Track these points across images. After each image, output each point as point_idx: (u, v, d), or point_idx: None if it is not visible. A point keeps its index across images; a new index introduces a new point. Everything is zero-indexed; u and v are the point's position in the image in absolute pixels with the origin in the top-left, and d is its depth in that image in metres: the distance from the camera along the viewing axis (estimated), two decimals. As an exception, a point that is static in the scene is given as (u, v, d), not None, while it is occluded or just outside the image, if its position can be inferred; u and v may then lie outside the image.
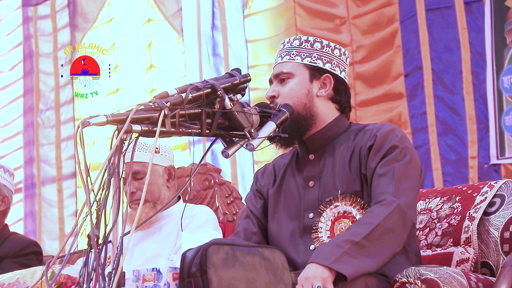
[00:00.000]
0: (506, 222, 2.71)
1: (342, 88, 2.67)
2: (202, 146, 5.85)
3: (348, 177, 2.54)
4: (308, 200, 2.61)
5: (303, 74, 2.64)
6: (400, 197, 2.42)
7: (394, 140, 2.53)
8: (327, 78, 2.65)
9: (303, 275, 2.27)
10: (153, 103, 2.19)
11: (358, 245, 2.32)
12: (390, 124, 2.66)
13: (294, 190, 2.66)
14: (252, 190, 2.80)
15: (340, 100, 2.67)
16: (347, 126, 2.67)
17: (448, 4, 5.30)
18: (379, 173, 2.48)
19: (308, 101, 2.62)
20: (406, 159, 2.50)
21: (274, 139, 2.51)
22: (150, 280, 2.02)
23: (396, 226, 2.38)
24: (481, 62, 5.17)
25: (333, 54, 2.66)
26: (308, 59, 2.64)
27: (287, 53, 2.67)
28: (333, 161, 2.60)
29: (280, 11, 6.01)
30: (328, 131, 2.65)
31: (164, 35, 6.63)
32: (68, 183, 7.05)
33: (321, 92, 2.64)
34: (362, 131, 2.61)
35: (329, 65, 2.65)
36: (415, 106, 5.37)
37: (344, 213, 2.51)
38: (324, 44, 2.66)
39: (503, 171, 5.05)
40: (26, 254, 3.81)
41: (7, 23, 7.53)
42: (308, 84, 2.63)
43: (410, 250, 2.54)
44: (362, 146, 2.56)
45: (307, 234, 2.56)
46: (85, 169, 2.01)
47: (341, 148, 2.60)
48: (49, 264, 2.05)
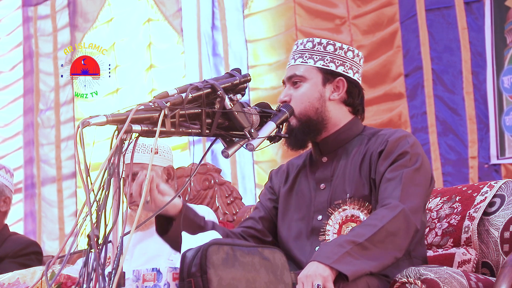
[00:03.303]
0: (506, 222, 2.71)
1: (355, 90, 2.67)
2: (202, 146, 5.85)
3: (357, 181, 2.55)
4: (318, 202, 2.61)
5: (316, 78, 2.63)
6: (406, 202, 2.41)
7: (405, 146, 2.52)
8: (340, 81, 2.64)
9: (304, 273, 2.28)
10: (153, 103, 2.20)
11: (361, 246, 2.32)
12: (403, 130, 2.66)
13: (305, 191, 2.66)
14: (266, 187, 2.82)
15: (353, 103, 2.67)
16: (361, 130, 2.67)
17: (448, 4, 5.30)
18: (387, 178, 2.48)
19: (320, 105, 2.62)
20: (416, 166, 2.50)
21: (274, 139, 2.51)
22: (150, 280, 2.02)
23: (400, 230, 2.38)
24: (481, 62, 5.17)
25: (345, 57, 2.66)
26: (321, 62, 2.63)
27: (300, 55, 2.66)
28: (345, 165, 2.60)
29: (280, 11, 6.01)
30: (342, 134, 2.65)
31: (164, 35, 6.63)
32: (68, 183, 7.05)
33: (334, 96, 2.64)
34: (375, 136, 2.61)
35: (342, 68, 2.64)
36: (415, 106, 5.37)
37: (351, 217, 2.52)
38: (337, 46, 2.65)
39: (503, 171, 5.05)
40: (26, 254, 3.81)
41: (7, 23, 7.53)
42: (320, 88, 2.63)
43: (415, 256, 2.53)
44: (373, 151, 2.56)
45: (315, 236, 2.56)
46: (85, 169, 2.01)
47: (354, 151, 2.61)
48: (49, 264, 2.05)
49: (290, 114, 2.54)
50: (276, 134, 2.48)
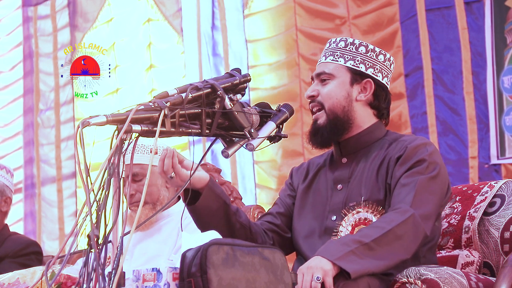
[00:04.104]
0: (506, 222, 2.71)
1: (382, 94, 2.67)
2: (202, 146, 5.85)
3: (373, 185, 2.55)
4: (333, 203, 2.61)
5: (344, 77, 2.64)
6: (417, 208, 2.41)
7: (423, 154, 2.52)
8: (368, 83, 2.64)
9: (306, 265, 2.29)
10: (153, 103, 2.20)
11: (367, 247, 2.32)
12: (424, 138, 2.65)
13: (323, 191, 2.67)
14: (286, 183, 2.82)
15: (379, 106, 2.67)
16: (384, 134, 2.68)
17: (448, 4, 5.30)
18: (401, 183, 2.48)
19: (346, 104, 2.63)
20: (432, 174, 2.49)
21: (274, 139, 2.51)
22: (150, 280, 2.02)
23: (407, 234, 2.38)
24: (481, 62, 5.18)
25: (377, 59, 2.66)
26: (351, 62, 2.64)
27: (331, 53, 2.67)
28: (364, 168, 2.60)
29: (280, 11, 6.01)
30: (364, 136, 2.65)
31: (164, 35, 6.63)
32: (68, 183, 7.05)
33: (361, 97, 2.64)
34: (396, 142, 2.61)
35: (372, 70, 2.64)
36: (416, 106, 5.37)
37: (364, 220, 2.51)
38: (369, 48, 2.65)
39: (504, 171, 5.05)
40: (26, 254, 3.81)
41: (7, 23, 7.53)
42: (348, 87, 2.64)
43: (425, 262, 2.52)
44: (392, 156, 2.56)
45: (327, 236, 2.56)
46: (85, 169, 2.01)
47: (374, 155, 2.61)
48: (49, 264, 2.05)
49: (290, 114, 2.54)
50: (276, 134, 2.47)
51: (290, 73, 5.86)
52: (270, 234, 2.68)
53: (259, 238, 2.63)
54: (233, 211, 2.57)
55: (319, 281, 2.23)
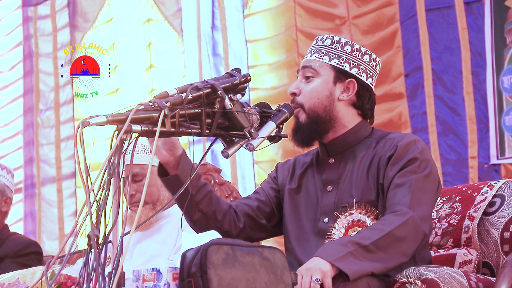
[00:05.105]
0: (506, 222, 2.71)
1: (366, 94, 2.66)
2: (202, 146, 5.85)
3: (364, 186, 2.54)
4: (324, 204, 2.60)
5: (328, 75, 2.62)
6: (416, 209, 2.41)
7: (415, 152, 2.52)
8: (351, 83, 2.63)
9: (304, 266, 2.28)
10: (153, 103, 2.19)
11: (365, 249, 2.32)
12: (413, 135, 2.65)
13: (312, 192, 2.65)
14: (270, 176, 2.79)
15: (362, 106, 2.66)
16: (369, 132, 2.67)
17: (448, 4, 5.30)
18: (396, 184, 2.47)
19: (328, 104, 2.61)
20: (425, 172, 2.49)
21: (274, 139, 2.51)
22: (150, 280, 2.02)
23: (407, 236, 2.38)
24: (481, 62, 5.18)
25: (362, 59, 2.65)
26: (336, 61, 2.63)
27: (317, 51, 2.66)
28: (352, 168, 2.59)
29: (280, 11, 6.01)
30: (350, 136, 2.63)
31: (164, 35, 6.64)
32: (68, 183, 7.05)
33: (343, 96, 2.63)
34: (384, 140, 2.60)
35: (356, 70, 2.63)
36: (415, 106, 5.37)
37: (358, 222, 2.51)
38: (355, 48, 2.65)
39: (503, 171, 5.05)
40: (26, 254, 3.81)
41: (7, 23, 7.53)
42: (331, 86, 2.62)
43: (420, 259, 2.52)
44: (382, 155, 2.55)
45: (320, 238, 2.55)
46: (85, 169, 2.01)
47: (361, 155, 2.59)
48: (49, 264, 2.05)
49: (290, 114, 2.54)
50: (276, 134, 2.47)
51: (290, 73, 5.86)
52: (242, 219, 2.64)
53: (225, 225, 2.59)
54: (196, 201, 2.54)
55: (318, 282, 2.23)
